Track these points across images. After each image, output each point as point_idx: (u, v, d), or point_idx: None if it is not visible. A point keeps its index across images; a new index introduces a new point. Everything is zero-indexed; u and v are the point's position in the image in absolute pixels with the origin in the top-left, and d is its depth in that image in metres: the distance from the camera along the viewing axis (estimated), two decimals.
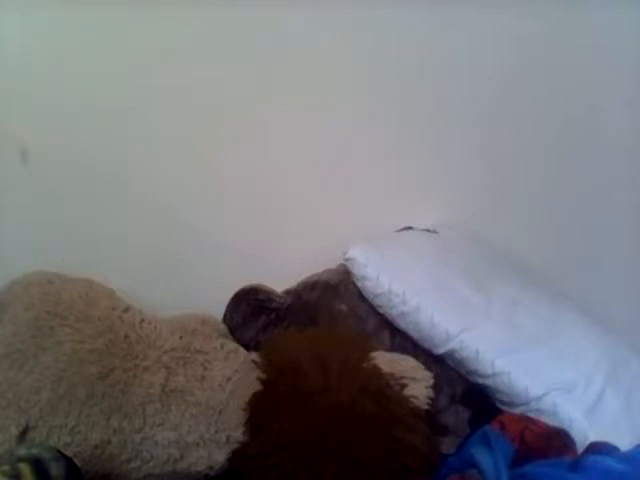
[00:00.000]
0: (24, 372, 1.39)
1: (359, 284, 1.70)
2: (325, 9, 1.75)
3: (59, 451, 1.22)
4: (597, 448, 1.30)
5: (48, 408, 1.37)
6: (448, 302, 1.67)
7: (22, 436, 1.34)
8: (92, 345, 1.43)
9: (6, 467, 1.14)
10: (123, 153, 1.72)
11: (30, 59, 1.65)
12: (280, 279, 1.75)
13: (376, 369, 1.48)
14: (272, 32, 1.76)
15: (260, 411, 1.41)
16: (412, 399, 1.45)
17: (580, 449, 1.35)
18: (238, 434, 1.42)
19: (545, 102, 2.00)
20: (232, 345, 1.54)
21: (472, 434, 1.38)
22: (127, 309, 1.52)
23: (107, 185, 1.74)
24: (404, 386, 1.46)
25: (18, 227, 1.69)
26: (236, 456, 1.41)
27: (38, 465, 1.17)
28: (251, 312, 1.68)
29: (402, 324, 1.66)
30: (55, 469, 1.18)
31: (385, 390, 1.43)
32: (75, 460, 1.25)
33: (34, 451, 1.19)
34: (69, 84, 1.67)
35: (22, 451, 1.20)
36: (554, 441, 1.31)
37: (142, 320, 1.51)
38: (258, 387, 1.44)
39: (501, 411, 1.56)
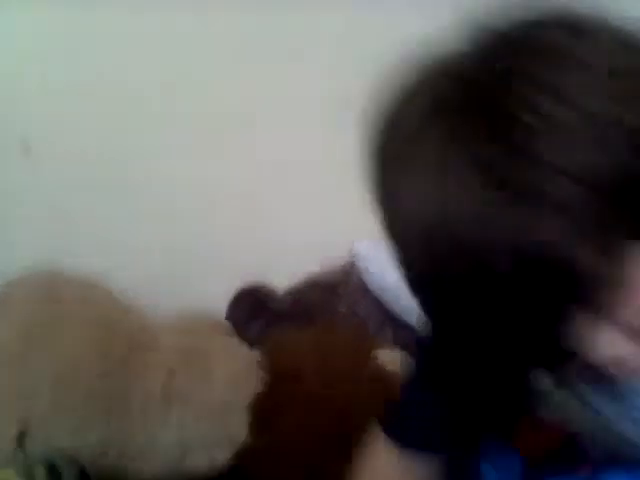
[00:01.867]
0: (22, 373, 1.37)
1: (365, 278, 1.69)
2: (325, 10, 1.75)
3: (72, 457, 1.27)
4: None
5: (47, 410, 1.34)
6: None
7: (21, 438, 1.33)
8: (92, 345, 1.41)
9: (20, 468, 1.20)
10: (126, 150, 1.72)
11: (33, 51, 1.65)
12: (280, 278, 1.75)
13: (379, 368, 1.47)
14: (272, 32, 1.76)
15: (263, 411, 1.40)
16: None
17: None
18: (240, 435, 1.41)
19: None
20: (235, 344, 1.52)
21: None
22: (128, 307, 1.51)
23: (109, 183, 1.73)
24: None
25: (18, 224, 1.68)
26: (241, 457, 1.39)
27: (52, 469, 1.23)
28: (252, 312, 1.67)
29: (408, 319, 1.65)
30: (67, 474, 1.23)
31: (389, 389, 1.42)
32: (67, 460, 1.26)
33: (48, 455, 1.25)
34: (73, 79, 1.67)
35: (36, 454, 1.25)
36: (566, 451, 1.24)
37: (144, 318, 1.50)
38: (261, 387, 1.43)
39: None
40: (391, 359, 1.49)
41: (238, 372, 1.45)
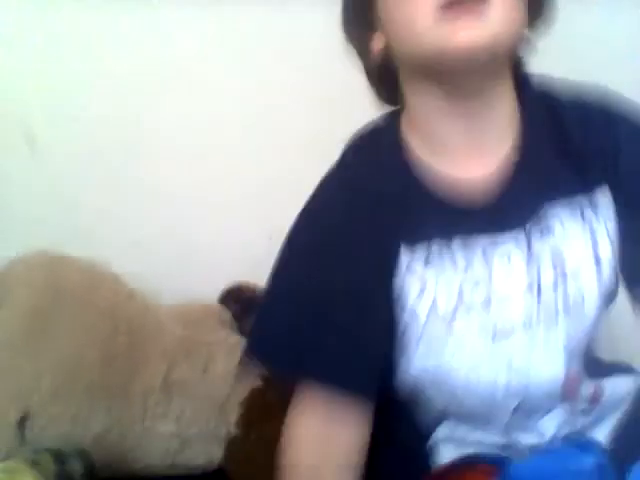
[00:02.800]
0: (25, 358, 1.37)
1: None
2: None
3: (82, 449, 1.28)
4: None
5: (49, 396, 1.35)
6: None
7: (22, 423, 1.33)
8: (95, 332, 1.41)
9: (27, 455, 1.20)
10: (130, 141, 1.71)
11: (38, 46, 1.65)
12: None
13: None
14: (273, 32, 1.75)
15: (255, 408, 1.41)
16: None
17: None
18: (238, 431, 1.42)
19: None
20: (236, 338, 1.51)
21: None
22: (131, 296, 1.50)
23: (112, 172, 1.72)
24: None
25: (23, 215, 1.68)
26: (226, 449, 1.40)
27: (58, 457, 1.22)
28: (241, 310, 1.65)
29: None
30: (76, 465, 1.24)
31: None
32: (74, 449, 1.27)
33: (57, 446, 1.26)
34: (77, 73, 1.67)
35: (41, 442, 1.27)
36: None
37: (146, 308, 1.49)
38: (257, 383, 1.44)
39: None
40: None
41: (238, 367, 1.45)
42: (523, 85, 1.05)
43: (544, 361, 0.99)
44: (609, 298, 1.07)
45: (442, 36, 0.89)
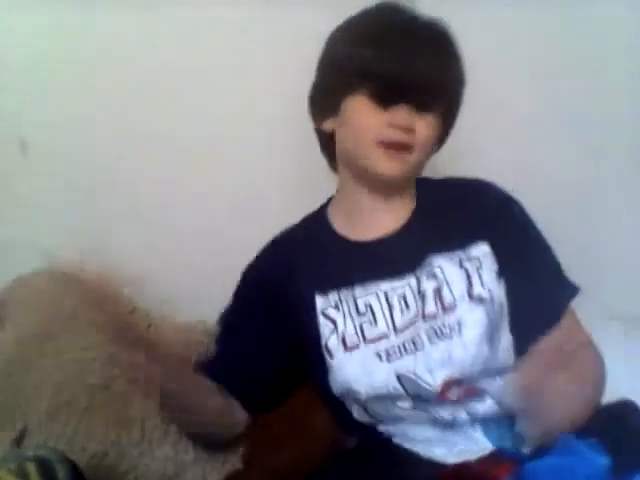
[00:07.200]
0: (25, 377, 1.38)
1: None
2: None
3: (64, 455, 1.24)
4: None
5: (47, 415, 1.36)
6: None
7: (19, 441, 1.34)
8: (95, 353, 1.40)
9: (12, 465, 1.17)
10: (124, 148, 1.70)
11: (31, 52, 1.65)
12: None
13: None
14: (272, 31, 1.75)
15: (262, 442, 1.41)
16: None
17: None
18: (234, 458, 1.42)
19: (542, 103, 1.97)
20: None
21: None
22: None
23: (107, 180, 1.72)
24: None
25: (17, 223, 1.68)
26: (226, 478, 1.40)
27: (44, 466, 1.19)
28: None
29: None
30: (61, 471, 1.20)
31: None
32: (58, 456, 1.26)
33: (41, 452, 1.22)
34: (70, 78, 1.67)
35: (29, 451, 1.22)
36: None
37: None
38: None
39: None
40: None
41: None
42: (418, 180, 1.44)
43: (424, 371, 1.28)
44: (494, 326, 1.30)
45: (374, 160, 1.30)
